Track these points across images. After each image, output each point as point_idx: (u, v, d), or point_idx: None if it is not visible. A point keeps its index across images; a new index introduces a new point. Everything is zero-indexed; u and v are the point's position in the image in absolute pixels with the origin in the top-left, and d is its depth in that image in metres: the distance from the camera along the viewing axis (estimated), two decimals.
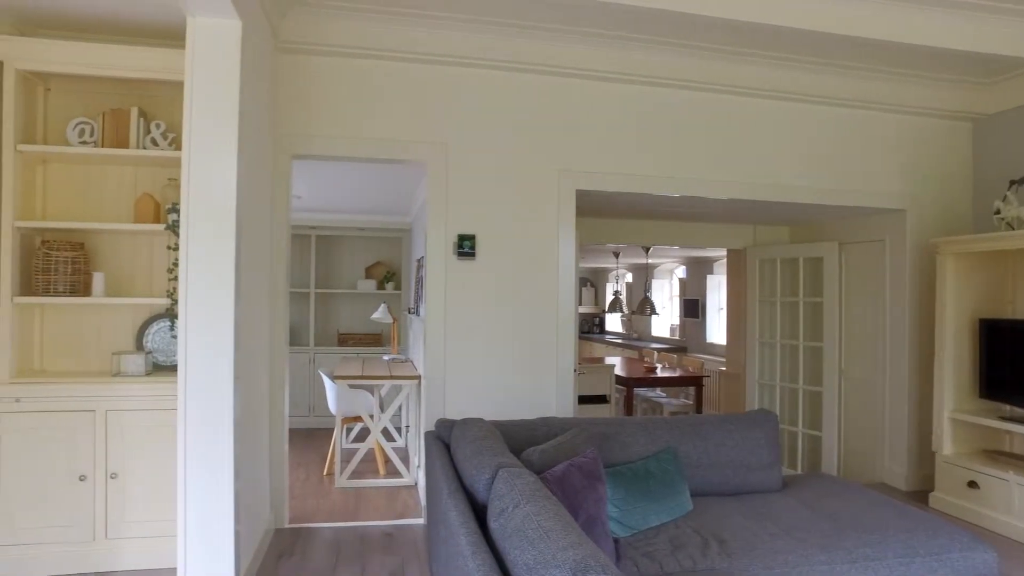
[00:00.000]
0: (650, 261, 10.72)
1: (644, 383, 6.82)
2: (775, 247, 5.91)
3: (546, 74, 4.14)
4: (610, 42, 4.01)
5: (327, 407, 6.37)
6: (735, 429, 3.40)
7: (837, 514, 2.90)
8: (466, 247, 4.03)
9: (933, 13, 3.75)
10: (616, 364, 7.45)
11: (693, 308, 9.85)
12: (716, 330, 9.32)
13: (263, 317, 3.56)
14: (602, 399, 6.41)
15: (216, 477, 2.75)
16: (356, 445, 5.76)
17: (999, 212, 4.30)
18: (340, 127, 3.89)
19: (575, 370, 4.29)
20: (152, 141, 3.37)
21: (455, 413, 4.00)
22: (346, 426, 5.92)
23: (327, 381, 5.32)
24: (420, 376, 4.69)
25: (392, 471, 5.10)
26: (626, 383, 6.70)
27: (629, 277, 12.68)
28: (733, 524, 2.81)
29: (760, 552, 2.52)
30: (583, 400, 5.98)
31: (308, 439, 6.37)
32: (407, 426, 5.92)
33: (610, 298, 10.92)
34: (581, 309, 12.45)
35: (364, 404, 5.13)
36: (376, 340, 7.36)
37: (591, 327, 13.47)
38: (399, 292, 7.44)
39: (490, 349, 4.09)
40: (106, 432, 3.18)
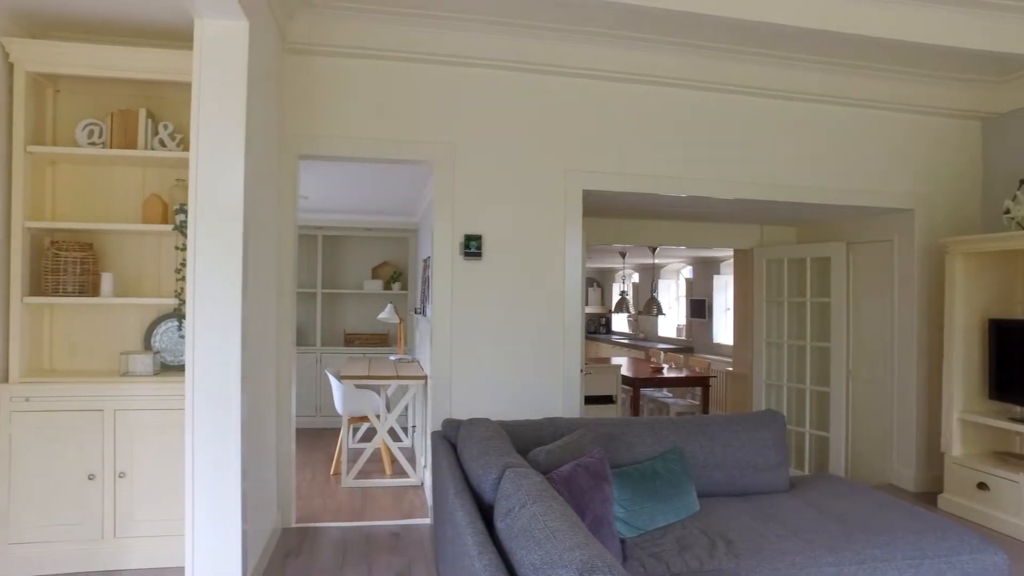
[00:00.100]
0: (656, 261, 10.69)
1: (650, 383, 6.81)
2: (782, 247, 5.89)
3: (553, 74, 4.14)
4: (617, 42, 4.00)
5: (334, 407, 6.38)
6: (742, 429, 3.39)
7: (845, 515, 2.88)
8: (473, 247, 4.03)
9: (943, 11, 3.73)
10: (622, 364, 7.44)
11: (700, 308, 9.82)
12: (723, 330, 9.29)
13: (270, 317, 3.57)
14: (608, 399, 6.40)
15: (223, 476, 2.76)
16: (362, 445, 5.77)
17: (1009, 212, 4.27)
18: (347, 127, 3.90)
19: (581, 370, 4.28)
20: (160, 142, 3.39)
21: (461, 413, 4.00)
22: (352, 426, 5.93)
23: (334, 381, 5.33)
24: (426, 376, 4.69)
25: (398, 471, 5.11)
26: (632, 383, 6.69)
27: (636, 277, 12.65)
28: (740, 525, 2.80)
29: (767, 553, 2.51)
30: (589, 400, 5.98)
31: (315, 439, 6.39)
32: (413, 426, 5.93)
33: (616, 298, 10.91)
34: (587, 309, 12.44)
35: (371, 404, 5.14)
36: (383, 340, 7.37)
37: (597, 327, 13.45)
38: (405, 292, 7.45)
39: (496, 349, 4.09)
40: (114, 431, 3.20)
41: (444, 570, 2.52)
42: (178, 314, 3.48)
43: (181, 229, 3.25)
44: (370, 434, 6.03)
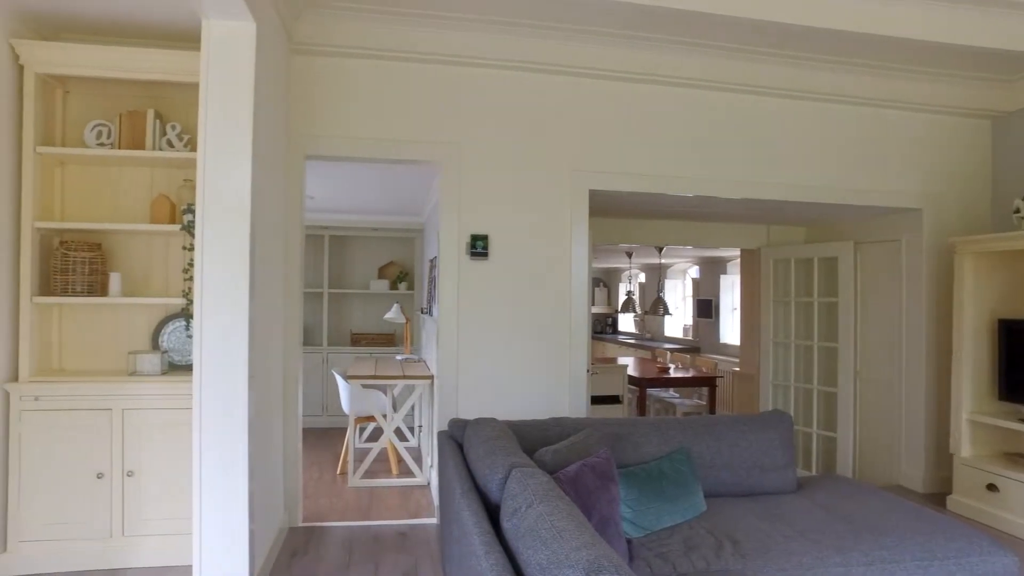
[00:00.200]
0: (663, 261, 10.67)
1: (657, 383, 6.79)
2: (789, 247, 5.86)
3: (559, 74, 4.13)
4: (623, 42, 3.99)
5: (340, 407, 6.40)
6: (749, 430, 3.37)
7: (853, 516, 2.87)
8: (479, 247, 4.03)
9: (952, 10, 3.71)
10: (629, 364, 7.42)
11: (706, 308, 9.79)
12: (730, 330, 9.26)
13: (277, 317, 3.58)
14: (615, 399, 6.39)
15: (231, 476, 2.77)
16: (369, 445, 5.78)
17: (1019, 211, 4.23)
18: (353, 127, 3.91)
19: (588, 370, 4.28)
20: (168, 142, 3.40)
21: (468, 413, 4.01)
22: (359, 426, 5.94)
23: (340, 381, 5.34)
24: (433, 376, 4.70)
25: (405, 471, 5.12)
26: (639, 383, 6.67)
27: (642, 277, 12.63)
28: (747, 525, 2.79)
29: (774, 554, 2.50)
30: (596, 400, 5.96)
31: (321, 438, 6.40)
32: (420, 426, 5.93)
33: (623, 298, 10.88)
34: (594, 309, 12.42)
35: (377, 404, 5.15)
36: (389, 340, 7.39)
37: (604, 327, 13.43)
38: (412, 292, 7.46)
39: (503, 349, 4.09)
40: (123, 430, 3.22)
41: (450, 569, 2.52)
42: (186, 314, 3.50)
43: (189, 229, 3.26)
44: (376, 434, 6.04)
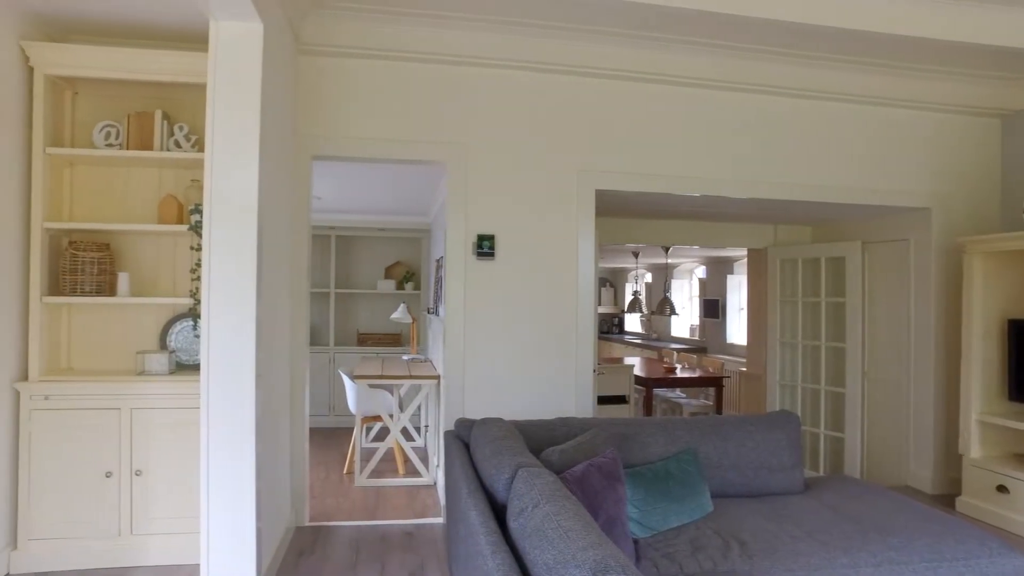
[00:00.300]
0: (670, 261, 10.65)
1: (663, 384, 6.78)
2: (796, 247, 5.84)
3: (566, 74, 4.13)
4: (630, 41, 3.98)
5: (347, 406, 6.41)
6: (756, 430, 3.36)
7: (860, 517, 2.85)
8: (485, 247, 4.03)
9: (962, 7, 3.69)
10: (635, 364, 7.42)
11: (713, 308, 9.76)
12: (736, 330, 9.23)
13: (284, 317, 3.60)
14: (621, 399, 6.39)
15: (238, 475, 2.78)
16: (376, 444, 5.80)
17: None
18: (360, 128, 3.91)
19: (594, 370, 4.27)
20: (175, 143, 3.42)
21: (474, 413, 4.01)
22: (366, 425, 5.95)
23: (347, 381, 5.35)
24: (439, 376, 4.70)
25: (411, 470, 5.12)
26: (645, 383, 6.66)
27: (648, 277, 12.60)
28: (754, 526, 2.78)
29: (781, 554, 2.49)
30: (602, 400, 5.96)
31: (328, 438, 6.42)
32: (426, 426, 5.94)
33: (629, 298, 10.87)
34: (600, 309, 12.41)
35: (384, 404, 5.16)
36: (396, 340, 7.40)
37: (610, 327, 13.42)
38: (418, 292, 7.47)
39: (509, 349, 4.09)
40: (131, 430, 3.23)
41: (457, 569, 2.52)
42: (193, 314, 3.51)
43: (196, 229, 3.28)
44: (383, 433, 6.05)
